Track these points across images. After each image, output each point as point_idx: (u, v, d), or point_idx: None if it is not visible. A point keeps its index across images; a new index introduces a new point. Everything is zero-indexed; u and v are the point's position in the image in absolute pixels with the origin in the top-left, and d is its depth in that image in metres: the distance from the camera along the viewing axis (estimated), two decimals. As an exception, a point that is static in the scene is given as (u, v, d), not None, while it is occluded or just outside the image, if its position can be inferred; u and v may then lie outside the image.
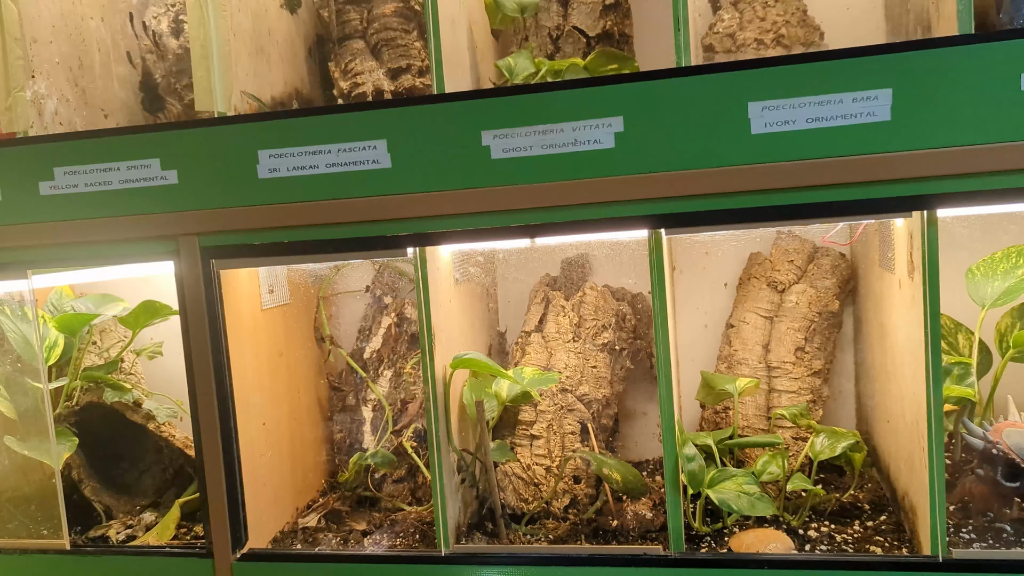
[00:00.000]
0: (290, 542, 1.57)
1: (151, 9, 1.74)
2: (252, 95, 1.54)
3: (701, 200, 1.22)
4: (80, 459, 1.65)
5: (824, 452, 1.44)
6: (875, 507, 1.49)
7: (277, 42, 1.67)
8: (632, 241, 1.69)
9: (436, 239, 1.32)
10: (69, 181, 1.40)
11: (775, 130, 1.17)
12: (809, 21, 1.61)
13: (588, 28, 1.65)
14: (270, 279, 1.65)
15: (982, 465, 1.33)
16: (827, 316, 1.67)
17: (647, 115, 1.21)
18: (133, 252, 1.41)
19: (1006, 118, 1.11)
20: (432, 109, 1.27)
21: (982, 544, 1.28)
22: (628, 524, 1.47)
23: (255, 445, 1.53)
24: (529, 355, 1.68)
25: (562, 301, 1.73)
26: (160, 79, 1.73)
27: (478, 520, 1.55)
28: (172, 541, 1.57)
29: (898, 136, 1.14)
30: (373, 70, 1.67)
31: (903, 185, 1.15)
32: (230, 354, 1.44)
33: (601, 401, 1.66)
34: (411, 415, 1.73)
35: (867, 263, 1.65)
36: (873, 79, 1.14)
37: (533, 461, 1.57)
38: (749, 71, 1.17)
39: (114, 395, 1.65)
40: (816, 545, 1.37)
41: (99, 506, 1.67)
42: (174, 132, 1.36)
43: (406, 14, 1.72)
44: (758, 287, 1.72)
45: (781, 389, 1.64)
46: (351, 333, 1.90)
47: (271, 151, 1.32)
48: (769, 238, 1.77)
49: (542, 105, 1.24)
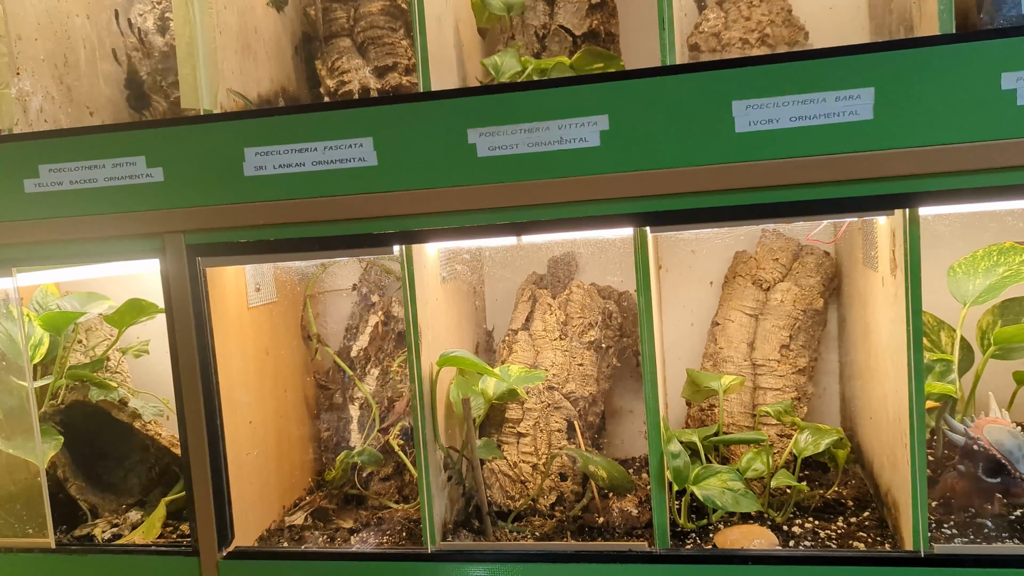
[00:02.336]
0: (277, 540, 1.57)
1: (137, 6, 1.74)
2: (238, 93, 1.54)
3: (686, 198, 1.22)
4: (66, 458, 1.64)
5: (808, 449, 1.44)
6: (859, 503, 1.50)
7: (263, 40, 1.67)
8: (618, 239, 1.70)
9: (422, 237, 1.32)
10: (54, 179, 1.39)
11: (759, 128, 1.18)
12: (794, 21, 1.62)
13: (574, 27, 1.65)
14: (257, 277, 1.65)
15: (963, 461, 1.34)
16: (811, 314, 1.68)
17: (632, 114, 1.21)
18: (118, 250, 1.41)
19: (987, 117, 1.11)
20: (418, 107, 1.27)
21: (963, 539, 1.29)
22: (614, 521, 1.48)
23: (241, 443, 1.53)
24: (516, 353, 1.69)
25: (549, 299, 1.73)
26: (146, 76, 1.72)
27: (465, 517, 1.56)
28: (158, 540, 1.57)
29: (881, 135, 1.15)
30: (359, 68, 1.67)
31: (885, 183, 1.16)
32: (216, 352, 1.44)
33: (587, 399, 1.66)
34: (398, 413, 1.74)
35: (851, 261, 1.66)
36: (856, 78, 1.14)
37: (520, 458, 1.58)
38: (733, 70, 1.18)
39: (100, 393, 1.65)
40: (800, 541, 1.38)
41: (85, 505, 1.66)
42: (160, 130, 1.35)
43: (392, 12, 1.72)
44: (743, 285, 1.73)
45: (766, 386, 1.65)
46: (338, 331, 1.89)
47: (257, 149, 1.32)
48: (754, 236, 1.78)
49: (528, 103, 1.24)
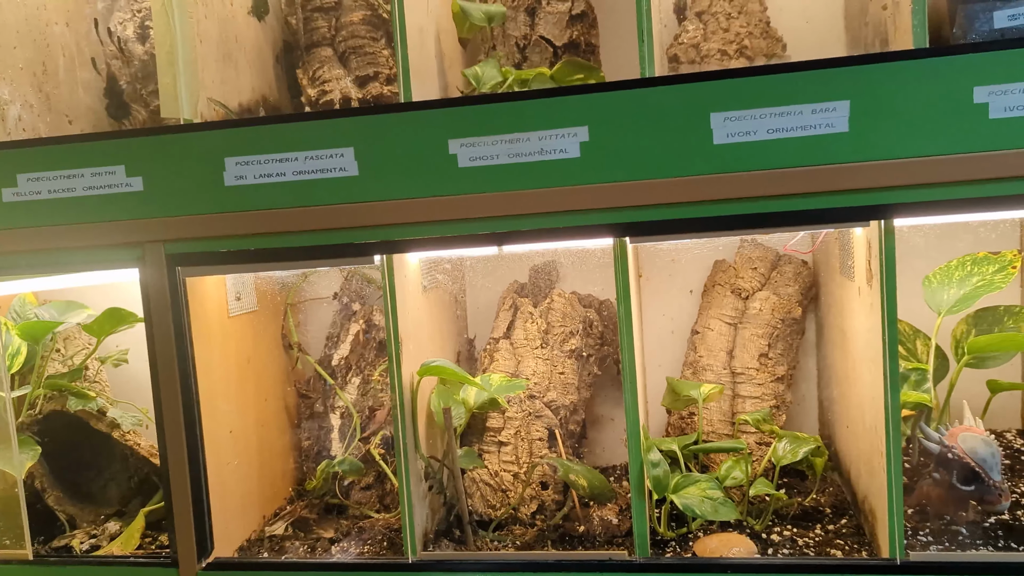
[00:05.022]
0: (257, 550, 1.56)
1: (117, 15, 1.73)
2: (219, 102, 1.54)
3: (664, 209, 1.23)
4: (43, 468, 1.63)
5: (786, 457, 1.46)
6: (836, 511, 1.51)
7: (244, 49, 1.67)
8: (598, 249, 1.70)
9: (403, 246, 1.33)
10: (33, 188, 1.38)
11: (737, 140, 1.19)
12: (772, 33, 1.63)
13: (555, 38, 1.66)
14: (237, 286, 1.64)
15: (938, 469, 1.35)
16: (790, 323, 1.69)
17: (612, 125, 1.22)
18: (98, 259, 1.40)
19: (960, 130, 1.13)
20: (399, 117, 1.28)
21: (939, 546, 1.31)
22: (594, 529, 1.48)
23: (222, 453, 1.52)
24: (497, 361, 1.69)
25: (530, 308, 1.74)
26: (125, 85, 1.72)
27: (446, 527, 1.56)
28: (137, 551, 1.56)
29: (856, 147, 1.16)
30: (341, 78, 1.67)
31: (861, 195, 1.18)
32: (196, 361, 1.44)
33: (568, 407, 1.67)
34: (379, 422, 1.73)
35: (828, 270, 1.67)
36: (832, 91, 1.16)
37: (501, 467, 1.58)
38: (711, 83, 1.19)
39: (78, 403, 1.64)
40: (779, 549, 1.39)
41: (63, 515, 1.65)
42: (139, 139, 1.35)
43: (374, 22, 1.72)
44: (723, 294, 1.74)
45: (745, 395, 1.66)
46: (319, 340, 1.89)
47: (238, 158, 1.32)
48: (733, 245, 1.80)
49: (509, 114, 1.25)
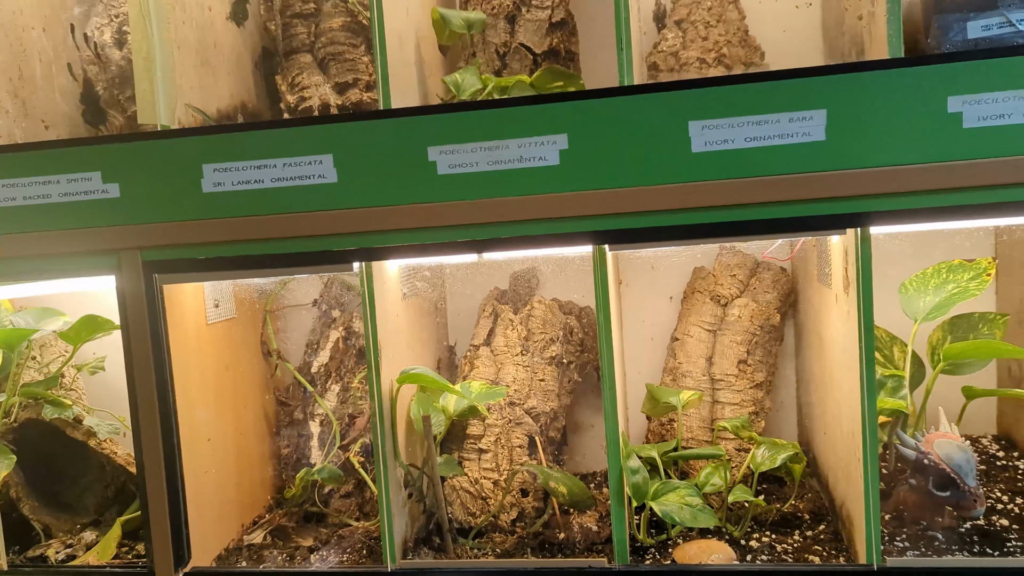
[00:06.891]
0: (235, 559, 1.55)
1: (94, 20, 1.72)
2: (197, 108, 1.53)
3: (643, 217, 1.24)
4: (19, 477, 1.61)
5: (765, 463, 1.46)
6: (814, 517, 1.52)
7: (223, 55, 1.67)
8: (578, 256, 1.71)
9: (382, 254, 1.32)
10: (7, 194, 1.37)
11: (715, 148, 1.20)
12: (750, 41, 1.65)
13: (535, 45, 1.67)
14: (215, 293, 1.63)
15: (915, 475, 1.37)
16: (769, 329, 1.70)
17: (591, 133, 1.23)
18: (73, 266, 1.39)
19: (934, 139, 1.14)
20: (378, 124, 1.28)
21: (915, 552, 1.32)
22: (574, 537, 1.48)
23: (199, 461, 1.51)
24: (478, 368, 1.69)
25: (510, 315, 1.74)
26: (102, 91, 1.70)
27: (426, 534, 1.55)
28: (113, 560, 1.54)
29: (833, 156, 1.17)
30: (320, 84, 1.67)
31: (837, 203, 1.19)
32: (174, 369, 1.43)
33: (549, 414, 1.67)
34: (359, 430, 1.73)
35: (806, 278, 1.69)
36: (809, 100, 1.17)
37: (481, 475, 1.58)
38: (690, 91, 1.20)
39: (54, 411, 1.62)
40: (757, 555, 1.39)
41: (38, 525, 1.63)
42: (116, 145, 1.34)
43: (354, 28, 1.72)
44: (702, 301, 1.75)
45: (724, 401, 1.67)
46: (299, 347, 1.88)
47: (216, 165, 1.32)
48: (713, 252, 1.81)
49: (488, 122, 1.25)
